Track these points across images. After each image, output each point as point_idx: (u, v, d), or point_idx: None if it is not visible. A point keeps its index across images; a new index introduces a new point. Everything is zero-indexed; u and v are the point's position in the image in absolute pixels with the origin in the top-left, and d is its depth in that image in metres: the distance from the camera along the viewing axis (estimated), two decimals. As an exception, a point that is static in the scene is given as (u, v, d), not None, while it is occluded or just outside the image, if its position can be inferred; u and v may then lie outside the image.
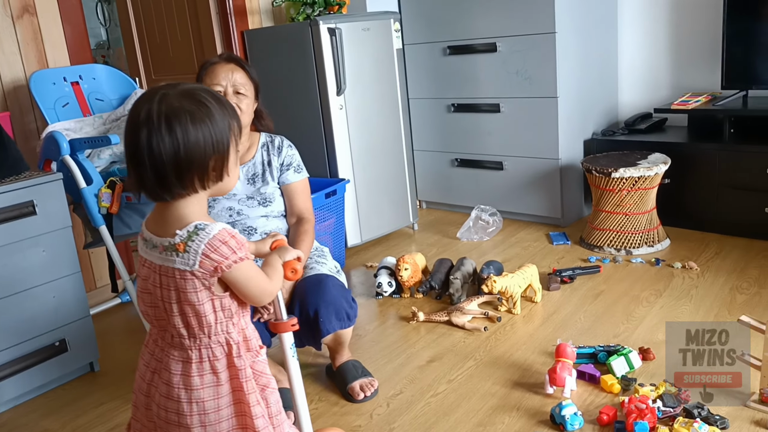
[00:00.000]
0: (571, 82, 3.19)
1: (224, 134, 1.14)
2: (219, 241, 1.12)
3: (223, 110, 1.15)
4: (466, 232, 3.30)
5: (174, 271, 1.12)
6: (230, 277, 1.14)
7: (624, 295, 2.50)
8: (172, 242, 1.12)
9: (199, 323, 1.15)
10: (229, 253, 1.12)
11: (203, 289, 1.13)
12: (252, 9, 3.41)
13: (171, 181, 1.11)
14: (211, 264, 1.11)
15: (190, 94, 1.13)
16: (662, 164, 2.84)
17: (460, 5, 3.37)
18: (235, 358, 1.18)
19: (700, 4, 3.19)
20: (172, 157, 1.09)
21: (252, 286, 1.17)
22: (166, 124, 1.09)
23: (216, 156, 1.14)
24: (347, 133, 3.09)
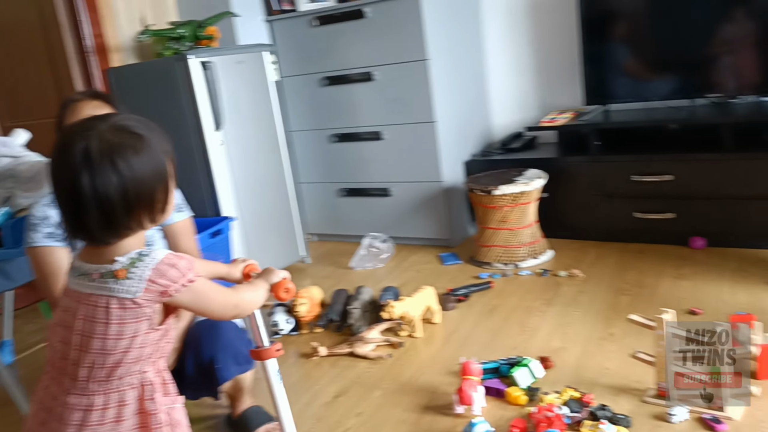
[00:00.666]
0: (446, 106, 3.29)
1: (164, 163, 1.09)
2: (167, 264, 1.05)
3: (158, 137, 1.10)
4: (360, 261, 3.27)
5: (109, 300, 1.03)
6: (184, 299, 1.08)
7: (517, 307, 2.57)
8: (110, 269, 1.04)
9: (118, 360, 1.05)
10: (178, 276, 1.06)
11: (144, 320, 1.05)
12: (114, 46, 3.24)
13: (120, 222, 1.04)
14: (157, 289, 1.04)
15: (124, 125, 1.07)
16: (539, 179, 2.97)
17: (332, 36, 3.39)
18: (146, 401, 1.08)
19: (557, 30, 3.41)
20: (121, 196, 1.02)
21: (212, 302, 1.13)
22: (109, 161, 1.01)
23: (161, 187, 1.08)
24: (229, 169, 2.98)
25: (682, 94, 3.09)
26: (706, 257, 2.79)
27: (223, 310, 1.17)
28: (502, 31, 3.59)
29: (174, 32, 3.03)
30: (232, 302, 1.18)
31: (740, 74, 2.96)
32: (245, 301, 1.22)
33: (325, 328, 2.57)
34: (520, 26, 3.54)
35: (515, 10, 3.52)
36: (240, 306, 1.20)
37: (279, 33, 3.56)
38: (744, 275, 2.55)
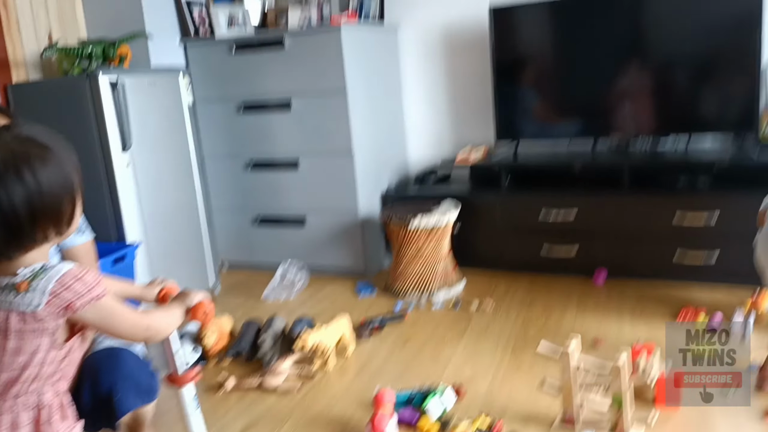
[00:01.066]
0: (364, 138, 3.31)
1: (71, 174, 1.06)
2: (72, 277, 1.00)
3: (65, 149, 1.07)
4: (273, 291, 3.20)
5: (9, 313, 0.98)
6: (90, 317, 1.03)
7: (430, 338, 2.58)
8: (11, 281, 0.99)
9: (14, 378, 1.00)
10: (84, 290, 1.01)
11: (45, 336, 1.00)
12: (16, 61, 3.06)
13: (25, 234, 0.99)
14: (60, 303, 0.99)
15: (30, 135, 1.04)
16: (452, 212, 3.04)
17: (251, 63, 3.36)
18: (43, 424, 1.02)
19: (472, 70, 3.53)
20: (26, 207, 0.98)
21: (122, 322, 1.08)
22: (14, 171, 0.98)
23: (68, 198, 1.04)
24: (136, 192, 2.85)
25: (585, 135, 3.27)
26: (607, 290, 2.92)
27: (133, 331, 1.12)
28: (420, 69, 3.69)
29: (83, 50, 2.90)
30: (144, 324, 1.14)
31: (637, 119, 3.16)
32: (158, 325, 1.18)
33: (234, 359, 2.48)
34: (437, 65, 3.65)
35: (432, 49, 3.63)
36: (152, 329, 1.16)
37: (194, 57, 3.49)
38: (642, 307, 2.68)
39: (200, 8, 3.52)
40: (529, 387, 2.09)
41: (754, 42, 2.76)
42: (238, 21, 3.55)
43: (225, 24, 3.51)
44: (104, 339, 1.66)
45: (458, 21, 3.52)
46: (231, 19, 3.54)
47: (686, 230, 2.80)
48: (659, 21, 3.03)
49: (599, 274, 3.02)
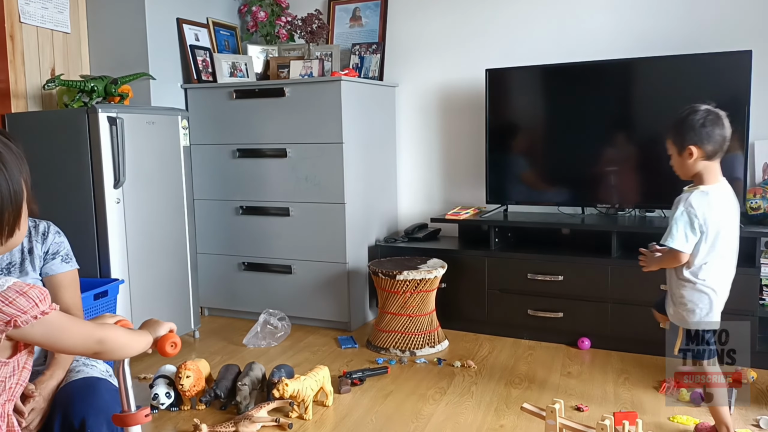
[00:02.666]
0: (356, 190, 3.34)
1: (19, 183, 1.01)
2: (15, 292, 0.95)
3: (16, 157, 1.02)
4: (254, 338, 3.14)
5: None
6: (36, 334, 0.97)
7: (411, 394, 2.53)
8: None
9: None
10: (28, 305, 0.96)
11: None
12: (17, 92, 3.08)
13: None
14: (2, 318, 0.93)
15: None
16: (440, 268, 3.04)
17: (250, 110, 3.41)
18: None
19: (465, 132, 3.61)
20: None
21: (70, 335, 1.02)
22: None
23: (12, 209, 1.00)
24: (124, 229, 2.83)
25: (573, 203, 3.31)
26: (592, 357, 2.90)
27: (83, 343, 1.04)
28: (415, 126, 3.76)
29: (85, 85, 2.94)
30: (96, 337, 1.06)
31: (624, 192, 3.21)
32: (114, 341, 1.09)
33: (209, 405, 2.41)
34: (433, 123, 3.72)
35: (429, 109, 3.71)
36: (106, 343, 1.07)
37: (194, 100, 3.54)
38: (626, 376, 2.66)
39: (205, 55, 3.59)
40: (510, 449, 2.04)
41: (741, 119, 2.85)
42: (241, 69, 3.62)
43: (227, 72, 3.59)
44: (82, 367, 1.62)
45: (455, 82, 3.62)
46: (234, 67, 3.61)
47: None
48: (649, 95, 3.13)
49: (584, 341, 3.00)
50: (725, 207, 1.98)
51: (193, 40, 3.55)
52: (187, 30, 3.52)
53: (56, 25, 3.23)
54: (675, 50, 3.03)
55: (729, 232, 1.98)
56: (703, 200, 1.95)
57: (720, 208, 1.96)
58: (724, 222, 1.96)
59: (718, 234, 1.94)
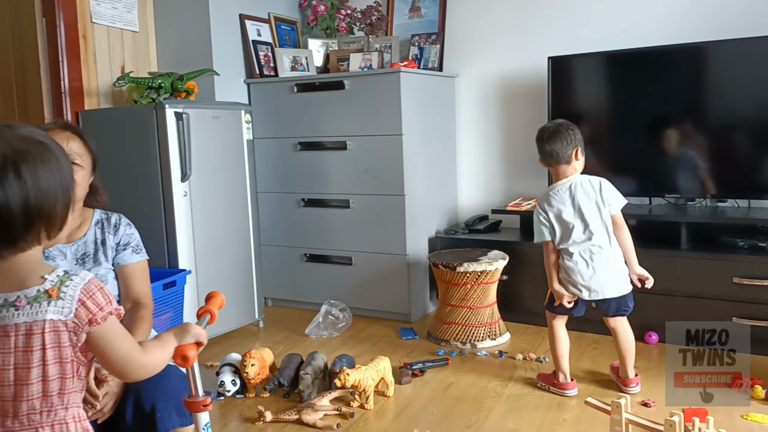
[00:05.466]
0: (416, 182, 3.33)
1: (69, 177, 1.04)
2: (95, 286, 0.99)
3: (63, 154, 1.05)
4: (315, 329, 3.19)
5: (43, 324, 0.96)
6: (99, 333, 0.99)
7: (472, 386, 2.52)
8: (42, 289, 0.97)
9: (61, 388, 0.98)
10: (104, 302, 1.00)
11: (69, 346, 0.98)
12: (90, 90, 3.22)
13: (17, 234, 0.97)
14: (86, 314, 0.97)
15: (32, 135, 1.02)
16: (501, 260, 3.00)
17: (311, 103, 3.45)
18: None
19: (527, 122, 3.54)
20: (22, 207, 0.96)
21: (118, 348, 1.02)
22: (13, 169, 0.96)
23: (64, 202, 1.02)
24: (191, 221, 2.93)
25: (639, 194, 3.20)
26: (659, 352, 2.80)
27: (126, 363, 1.05)
28: (475, 116, 3.72)
29: (153, 81, 3.04)
30: (138, 362, 1.06)
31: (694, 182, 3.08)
32: (152, 366, 1.10)
33: (273, 392, 2.47)
34: (493, 114, 3.67)
35: (489, 99, 3.66)
36: (145, 368, 1.08)
37: (256, 95, 3.61)
38: (697, 372, 2.56)
39: (266, 50, 3.65)
40: (575, 444, 2.00)
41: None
42: (302, 63, 3.67)
43: (288, 66, 3.64)
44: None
45: (516, 71, 3.55)
46: (294, 61, 3.66)
47: (744, 296, 2.69)
48: (718, 80, 2.99)
49: (651, 336, 2.91)
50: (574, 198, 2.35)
51: (255, 36, 3.61)
52: (250, 25, 3.59)
53: (125, 25, 3.36)
54: (745, 33, 2.88)
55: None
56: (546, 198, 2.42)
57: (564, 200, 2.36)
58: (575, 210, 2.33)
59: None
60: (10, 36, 3.28)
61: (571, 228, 2.35)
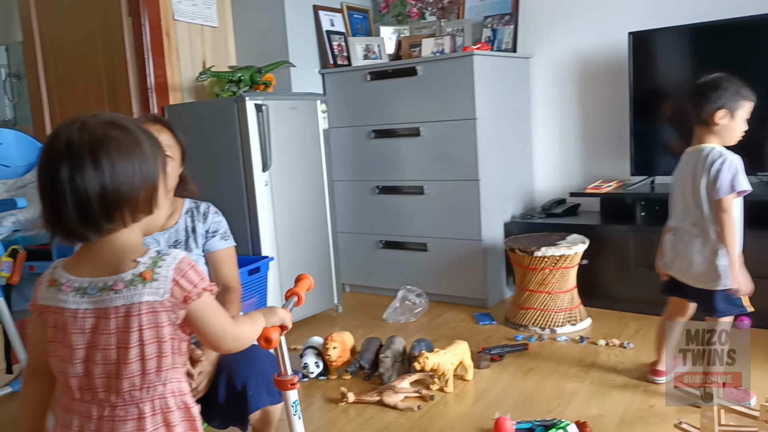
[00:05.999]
0: (491, 166, 3.30)
1: (152, 163, 1.05)
2: (187, 264, 1.02)
3: (149, 138, 1.07)
4: (393, 313, 3.23)
5: (140, 306, 1.00)
6: (195, 310, 1.03)
7: (553, 371, 2.49)
8: (136, 272, 1.00)
9: (159, 366, 1.02)
10: (197, 279, 1.03)
11: (167, 324, 1.02)
12: (174, 86, 3.37)
13: (97, 217, 0.99)
14: (181, 292, 1.01)
15: (114, 120, 1.04)
16: (581, 244, 2.93)
17: (383, 91, 3.48)
18: (192, 408, 1.07)
19: (606, 101, 3.44)
20: (99, 192, 0.98)
21: (214, 322, 1.06)
22: (90, 154, 0.98)
23: (146, 186, 1.03)
24: (272, 210, 3.02)
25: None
26: (752, 337, 2.67)
27: (222, 335, 1.09)
28: (551, 98, 3.63)
29: (233, 75, 3.14)
30: (232, 333, 1.11)
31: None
32: (244, 338, 1.14)
33: (354, 374, 2.53)
34: (570, 94, 3.58)
35: (565, 78, 3.57)
36: (239, 341, 1.13)
37: (331, 84, 3.67)
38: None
39: (339, 40, 3.70)
40: (663, 428, 1.95)
41: None
42: (374, 51, 3.70)
43: (361, 54, 3.67)
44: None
45: (594, 49, 3.44)
46: (367, 49, 3.69)
47: None
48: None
49: (743, 320, 2.77)
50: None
51: (328, 26, 3.66)
52: (323, 16, 3.64)
53: (205, 20, 3.48)
54: None
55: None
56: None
57: None
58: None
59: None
60: (99, 36, 3.46)
61: (676, 200, 2.18)
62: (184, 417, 1.07)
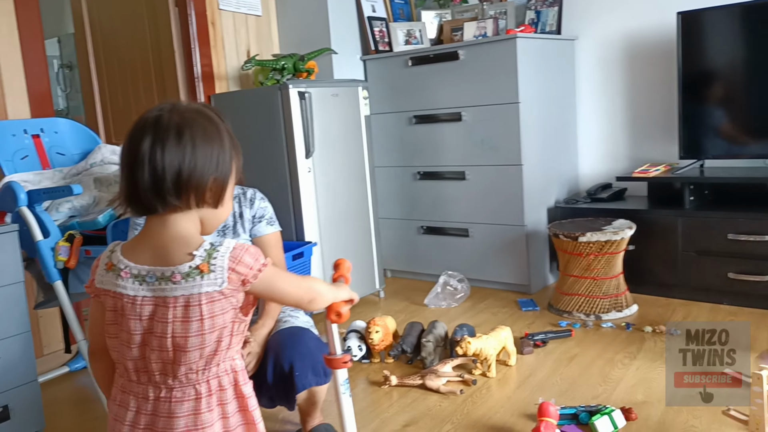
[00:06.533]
0: (534, 151, 3.27)
1: (227, 159, 1.10)
2: (240, 250, 1.06)
3: (231, 138, 1.13)
4: (434, 299, 3.25)
5: (200, 297, 1.03)
6: (261, 287, 1.07)
7: (598, 357, 2.47)
8: (193, 265, 1.04)
9: (216, 349, 1.07)
10: (252, 261, 1.07)
11: (230, 310, 1.06)
12: (219, 75, 3.43)
13: (167, 191, 1.04)
14: (238, 278, 1.05)
15: (203, 110, 1.10)
16: (627, 229, 2.88)
17: (425, 76, 3.47)
18: (242, 385, 1.11)
19: (653, 83, 3.36)
20: (175, 169, 1.04)
21: (282, 286, 1.11)
22: (176, 132, 1.04)
23: (216, 176, 1.08)
24: (315, 196, 3.06)
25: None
26: (807, 326, 2.60)
27: (297, 291, 1.13)
28: (597, 80, 3.56)
29: (277, 63, 3.18)
30: (305, 285, 1.15)
31: None
32: (318, 289, 1.17)
33: (397, 358, 2.56)
34: (616, 76, 3.50)
35: (611, 60, 3.50)
36: (313, 291, 1.16)
37: (372, 71, 3.68)
38: None
39: (381, 25, 3.70)
40: (709, 417, 1.92)
41: None
42: (415, 36, 3.68)
43: (403, 40, 3.67)
44: (288, 318, 1.80)
45: (641, 30, 3.36)
46: (408, 35, 3.68)
47: None
48: None
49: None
50: None
51: (370, 12, 3.67)
52: (365, 2, 3.65)
53: (249, 9, 3.53)
54: None
55: None
56: None
57: None
58: None
59: None
60: (147, 26, 3.55)
61: None
62: (236, 395, 1.11)
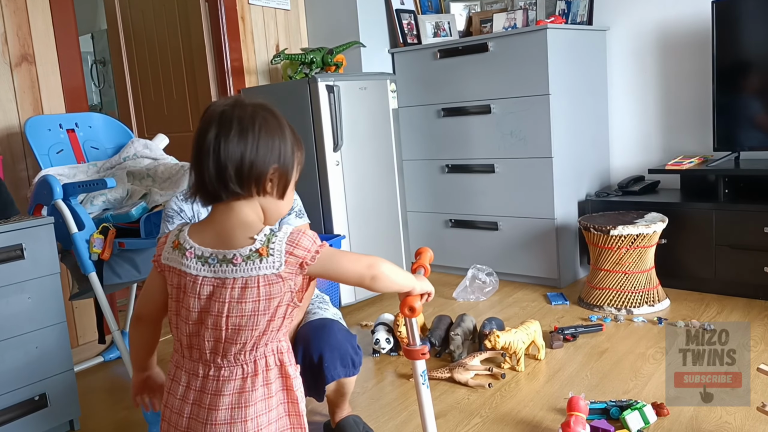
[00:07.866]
0: (564, 143, 3.23)
1: (289, 151, 1.15)
2: (297, 234, 1.10)
3: (293, 133, 1.17)
4: (463, 292, 3.24)
5: (258, 279, 1.08)
6: (319, 268, 1.11)
7: (629, 352, 2.43)
8: (253, 249, 1.08)
9: (264, 330, 1.10)
10: (310, 244, 1.10)
11: (286, 292, 1.10)
12: (249, 69, 3.46)
13: (229, 180, 1.09)
14: (296, 261, 1.09)
15: (266, 105, 1.15)
16: (660, 222, 2.84)
17: (453, 69, 3.45)
18: (288, 366, 1.14)
19: (687, 74, 3.29)
20: (238, 160, 1.08)
21: (340, 263, 1.12)
22: (238, 126, 1.09)
23: (277, 168, 1.12)
24: (343, 189, 3.07)
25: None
26: None
27: (357, 268, 1.12)
28: (629, 71, 3.50)
29: (305, 57, 3.20)
30: (366, 261, 1.13)
31: None
32: (380, 267, 1.14)
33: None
34: (648, 67, 3.44)
35: (644, 51, 3.43)
36: (374, 268, 1.13)
37: (400, 64, 3.67)
38: None
39: (409, 18, 3.69)
40: (743, 413, 1.88)
41: None
42: (444, 29, 3.67)
43: (431, 32, 3.65)
44: (317, 310, 1.81)
45: (675, 19, 3.29)
46: (437, 27, 3.67)
47: None
48: None
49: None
50: None
51: (398, 5, 3.66)
52: (392, -5, 3.64)
53: (278, 4, 3.55)
54: None
55: None
56: None
57: None
58: None
59: None
60: (178, 22, 3.59)
61: None
62: (280, 374, 1.14)
